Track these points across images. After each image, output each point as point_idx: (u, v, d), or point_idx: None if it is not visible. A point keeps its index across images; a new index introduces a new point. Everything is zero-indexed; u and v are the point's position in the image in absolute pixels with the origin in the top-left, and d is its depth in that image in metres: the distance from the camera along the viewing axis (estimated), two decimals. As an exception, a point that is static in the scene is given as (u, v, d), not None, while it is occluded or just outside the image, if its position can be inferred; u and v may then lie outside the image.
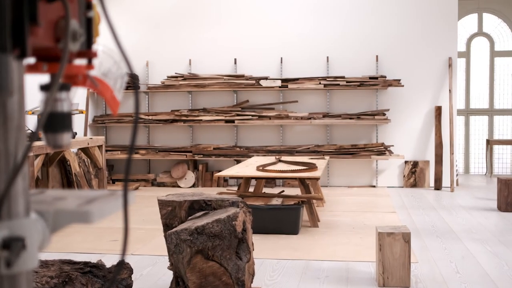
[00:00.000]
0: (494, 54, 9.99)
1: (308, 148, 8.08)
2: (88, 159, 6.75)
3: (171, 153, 8.28)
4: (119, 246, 4.53)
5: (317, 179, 5.26)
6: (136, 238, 4.87)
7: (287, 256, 4.24)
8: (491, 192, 7.46)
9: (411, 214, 6.04)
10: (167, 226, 3.21)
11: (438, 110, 8.07)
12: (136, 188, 8.15)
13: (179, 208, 3.17)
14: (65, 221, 0.92)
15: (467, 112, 10.05)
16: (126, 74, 1.17)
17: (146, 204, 6.62)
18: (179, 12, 8.58)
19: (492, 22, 10.01)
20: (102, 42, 1.11)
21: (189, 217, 3.08)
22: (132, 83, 7.88)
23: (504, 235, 4.95)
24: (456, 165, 8.12)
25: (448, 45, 8.12)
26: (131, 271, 2.94)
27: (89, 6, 1.01)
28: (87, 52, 1.01)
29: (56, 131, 0.99)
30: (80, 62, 1.02)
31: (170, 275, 3.67)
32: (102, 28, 1.08)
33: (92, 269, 2.74)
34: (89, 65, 1.03)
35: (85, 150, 6.48)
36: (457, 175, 8.21)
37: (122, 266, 2.91)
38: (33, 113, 5.62)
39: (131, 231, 5.07)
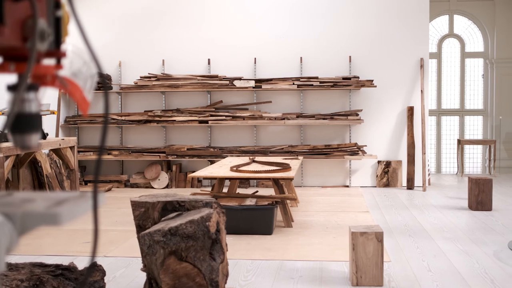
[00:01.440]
0: (464, 55, 10.14)
1: (282, 149, 8.10)
2: (60, 160, 6.66)
3: (144, 154, 8.23)
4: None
5: (291, 179, 5.28)
6: (109, 239, 4.82)
7: (261, 257, 4.24)
8: (462, 191, 7.57)
9: (384, 213, 6.10)
10: (140, 228, 3.18)
11: (410, 110, 8.16)
12: (109, 190, 8.08)
13: (152, 209, 3.15)
14: (33, 223, 0.90)
15: (439, 112, 10.18)
16: (96, 74, 1.15)
17: (119, 205, 6.57)
18: (152, 11, 8.53)
19: (462, 24, 10.16)
20: (72, 42, 1.09)
21: (163, 218, 3.06)
22: (103, 83, 7.81)
23: (475, 233, 5.03)
24: (428, 165, 8.22)
25: (420, 46, 8.22)
26: (103, 273, 2.92)
27: (57, 5, 1.00)
28: (56, 52, 1.00)
29: (24, 132, 0.97)
30: (49, 62, 1.01)
31: (143, 276, 3.65)
32: (72, 28, 1.07)
33: (64, 272, 2.71)
34: (58, 65, 1.02)
35: (56, 151, 6.39)
36: (429, 174, 8.31)
37: (94, 268, 2.88)
38: (3, 113, 5.54)
39: (104, 233, 5.03)
